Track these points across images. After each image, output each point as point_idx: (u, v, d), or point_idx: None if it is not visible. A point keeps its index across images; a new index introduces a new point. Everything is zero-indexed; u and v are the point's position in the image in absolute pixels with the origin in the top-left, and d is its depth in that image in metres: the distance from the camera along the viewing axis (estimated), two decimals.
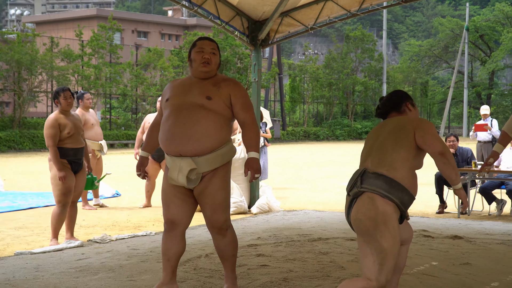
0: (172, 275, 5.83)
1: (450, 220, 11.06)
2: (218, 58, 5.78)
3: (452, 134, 12.49)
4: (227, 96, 5.62)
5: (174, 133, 5.55)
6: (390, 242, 4.71)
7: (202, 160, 5.52)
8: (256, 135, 5.69)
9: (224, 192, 5.66)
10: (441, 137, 52.98)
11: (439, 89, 77.85)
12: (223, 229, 5.69)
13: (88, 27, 46.72)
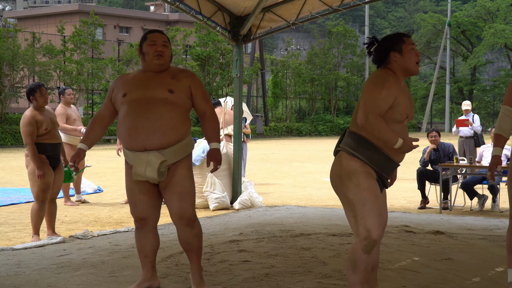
0: (152, 270, 5.84)
1: (432, 215, 11.10)
2: (170, 50, 5.80)
3: (434, 130, 12.53)
4: (187, 88, 5.66)
5: (138, 128, 5.51)
6: (354, 192, 4.88)
7: (168, 152, 5.54)
8: (217, 126, 5.74)
9: (191, 182, 5.69)
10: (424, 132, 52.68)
11: (421, 85, 78.03)
12: (192, 220, 5.67)
13: (70, 22, 46.40)
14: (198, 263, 5.84)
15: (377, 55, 5.08)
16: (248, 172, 19.50)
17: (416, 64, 4.98)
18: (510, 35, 63.34)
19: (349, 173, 4.91)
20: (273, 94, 56.21)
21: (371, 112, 4.79)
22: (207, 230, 9.29)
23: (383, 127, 4.79)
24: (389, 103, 4.85)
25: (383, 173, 5.02)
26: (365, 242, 4.82)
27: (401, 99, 4.91)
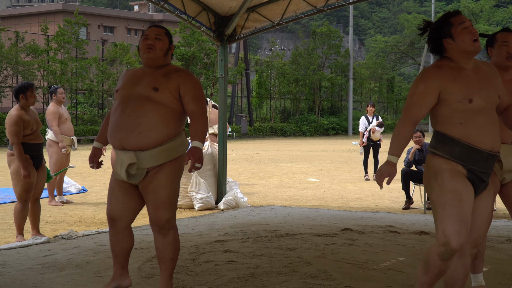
0: (122, 270, 5.69)
1: (417, 215, 11.13)
2: (166, 44, 5.55)
3: (418, 130, 12.57)
4: (175, 88, 5.39)
5: (119, 126, 5.36)
6: (437, 192, 4.64)
7: (145, 155, 5.31)
8: (204, 126, 5.44)
9: (169, 190, 5.41)
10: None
11: (405, 85, 78.19)
12: (165, 228, 5.43)
13: (54, 21, 46.31)
14: (169, 277, 5.55)
15: (432, 46, 4.88)
16: (233, 172, 19.51)
17: (474, 42, 4.67)
18: None
19: (434, 172, 4.67)
20: (258, 94, 56.22)
21: (404, 110, 4.72)
22: (192, 230, 9.29)
23: (397, 132, 4.73)
24: (428, 97, 4.65)
25: (475, 167, 4.64)
26: (442, 249, 4.55)
27: (455, 86, 4.61)
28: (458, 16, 4.73)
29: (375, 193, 14.57)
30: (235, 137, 46.99)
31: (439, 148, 4.66)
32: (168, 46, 5.57)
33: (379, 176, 4.76)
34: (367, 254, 7.58)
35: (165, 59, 5.56)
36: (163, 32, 5.57)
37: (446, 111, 4.62)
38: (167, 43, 5.56)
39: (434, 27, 4.81)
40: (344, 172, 20.09)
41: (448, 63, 4.73)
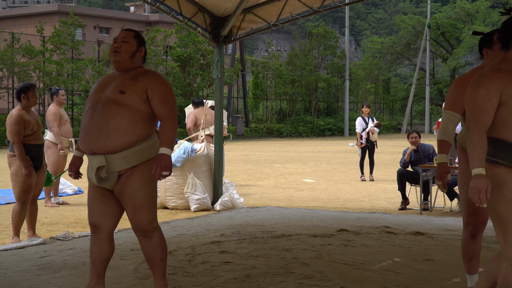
0: (97, 279, 5.56)
1: (412, 216, 11.14)
2: (133, 46, 5.46)
3: (414, 131, 12.59)
4: (143, 90, 5.30)
5: (88, 130, 5.30)
6: (506, 206, 4.31)
7: (115, 158, 5.25)
8: (172, 130, 5.31)
9: (146, 191, 5.33)
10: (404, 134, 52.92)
11: (401, 86, 78.37)
12: (148, 231, 5.35)
13: (50, 22, 46.29)
14: (162, 277, 5.49)
15: (502, 42, 4.59)
16: (229, 173, 19.51)
17: None
18: None
19: (498, 184, 4.35)
20: (254, 95, 56.24)
21: (472, 119, 4.41)
22: (188, 231, 9.29)
23: (474, 143, 4.38)
24: (492, 100, 4.36)
25: None
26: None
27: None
28: None
29: (371, 194, 14.58)
30: (231, 138, 46.99)
31: (500, 156, 4.38)
32: (135, 49, 5.49)
33: (479, 192, 4.28)
34: (363, 255, 7.58)
35: (133, 62, 5.49)
36: (132, 35, 5.50)
37: (505, 115, 4.37)
38: (135, 46, 5.49)
39: (506, 23, 4.52)
40: (340, 173, 20.10)
41: (505, 66, 4.47)
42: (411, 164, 12.43)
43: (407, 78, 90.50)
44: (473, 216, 5.49)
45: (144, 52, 5.56)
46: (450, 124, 5.47)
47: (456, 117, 5.47)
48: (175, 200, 11.88)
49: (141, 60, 5.56)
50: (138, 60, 5.52)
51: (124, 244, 8.19)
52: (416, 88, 68.77)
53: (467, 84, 5.19)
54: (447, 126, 5.50)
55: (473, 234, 5.56)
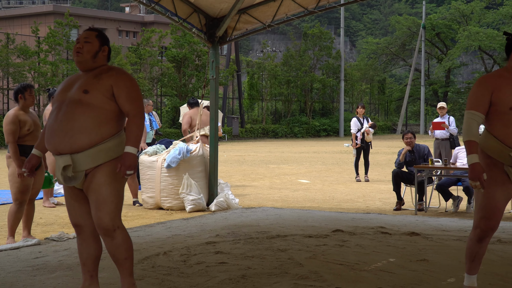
0: (91, 279, 5.53)
1: (407, 217, 11.15)
2: (95, 46, 5.41)
3: (409, 131, 12.59)
4: (107, 88, 5.25)
5: (53, 131, 5.27)
6: None
7: (81, 157, 5.20)
8: (138, 129, 5.27)
9: (110, 189, 5.26)
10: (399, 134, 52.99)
11: (396, 87, 78.46)
12: (110, 230, 5.26)
13: (45, 23, 46.19)
14: (128, 275, 5.41)
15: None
16: (224, 173, 19.51)
17: None
18: (484, 38, 63.80)
19: None
20: (249, 96, 56.25)
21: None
22: (183, 232, 9.29)
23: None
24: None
25: None
26: None
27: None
28: None
29: (366, 194, 14.59)
30: (227, 138, 46.98)
31: None
32: (98, 48, 5.44)
33: None
34: (358, 255, 7.59)
35: (96, 61, 5.43)
36: (94, 35, 5.46)
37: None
38: (97, 46, 5.44)
39: None
40: (335, 174, 20.11)
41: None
42: (406, 165, 12.44)
43: (402, 78, 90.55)
44: (485, 220, 5.47)
45: (107, 51, 5.51)
46: (474, 123, 5.43)
47: (479, 117, 5.43)
48: (170, 200, 11.88)
49: (105, 59, 5.50)
50: (101, 59, 5.46)
51: None
52: (411, 89, 68.87)
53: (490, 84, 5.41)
54: (471, 126, 5.46)
55: (481, 238, 5.53)
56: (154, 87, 47.46)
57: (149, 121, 15.47)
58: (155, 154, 12.28)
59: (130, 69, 43.08)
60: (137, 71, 44.41)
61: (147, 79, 45.10)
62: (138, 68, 44.96)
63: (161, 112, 46.56)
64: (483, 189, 5.38)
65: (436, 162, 12.39)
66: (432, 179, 12.47)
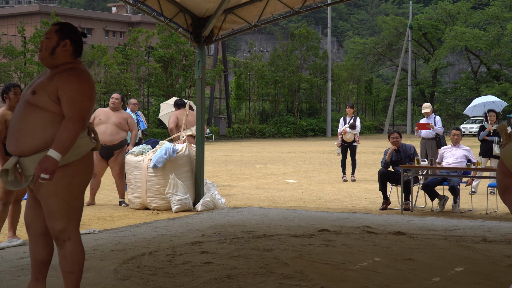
0: (36, 282, 5.32)
1: (393, 216, 11.17)
2: (53, 42, 5.11)
3: (395, 131, 12.62)
4: (53, 90, 4.98)
5: (10, 131, 5.11)
6: None
7: (27, 161, 4.99)
8: (68, 134, 4.90)
9: (59, 198, 5.02)
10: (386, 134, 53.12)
11: (383, 87, 78.62)
12: (59, 239, 5.04)
13: (31, 23, 46.03)
14: None
15: None
16: (211, 173, 19.50)
17: None
18: (470, 38, 64.03)
19: None
20: (236, 96, 56.24)
21: None
22: (169, 232, 9.28)
23: None
24: None
25: None
26: None
27: None
28: None
29: (353, 194, 14.61)
30: (214, 138, 46.95)
31: None
32: (55, 44, 5.15)
33: None
34: (343, 255, 7.60)
35: (55, 58, 5.15)
36: (54, 30, 5.17)
37: None
38: (55, 41, 5.14)
39: None
40: (322, 173, 20.13)
41: None
42: (392, 164, 12.46)
43: (389, 78, 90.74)
44: None
45: (69, 45, 5.17)
46: None
47: None
48: (157, 200, 11.86)
49: (67, 55, 5.18)
50: (61, 56, 5.16)
51: (104, 245, 8.16)
52: (398, 89, 69.02)
53: None
54: None
55: None
56: (141, 87, 47.39)
57: (136, 120, 15.45)
58: (141, 154, 12.26)
59: (117, 69, 43.00)
60: (124, 71, 44.33)
61: (134, 79, 45.02)
62: (125, 68, 44.87)
63: (148, 112, 46.48)
64: None
65: (422, 162, 12.42)
66: (418, 179, 12.50)
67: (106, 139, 12.24)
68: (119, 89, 42.62)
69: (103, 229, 9.47)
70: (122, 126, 12.45)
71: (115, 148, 12.39)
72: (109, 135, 12.29)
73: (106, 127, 12.32)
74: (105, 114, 12.49)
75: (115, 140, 12.35)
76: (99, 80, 43.18)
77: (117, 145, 12.40)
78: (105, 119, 12.39)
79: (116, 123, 12.38)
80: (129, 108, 15.50)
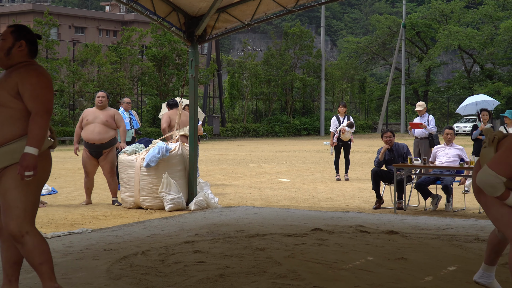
0: (9, 284, 5.30)
1: (387, 215, 11.17)
2: (8, 43, 5.18)
3: (388, 130, 12.61)
4: (13, 86, 5.04)
5: None
6: None
7: None
8: (39, 129, 4.98)
9: (16, 193, 5.02)
10: (379, 133, 53.12)
11: (376, 86, 78.74)
12: (17, 236, 5.01)
13: (24, 22, 46.04)
14: (48, 279, 5.13)
15: None
16: (205, 172, 19.49)
17: None
18: (463, 37, 64.15)
19: None
20: (230, 95, 56.26)
21: None
22: (162, 231, 9.26)
23: None
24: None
25: None
26: None
27: None
28: None
29: (346, 193, 14.61)
30: (207, 137, 46.93)
31: None
32: (10, 45, 5.22)
33: None
34: (336, 254, 7.60)
35: (10, 59, 5.21)
36: (9, 31, 5.24)
37: None
38: (10, 42, 5.21)
39: None
40: (316, 172, 20.13)
41: None
42: (385, 163, 12.46)
43: (383, 77, 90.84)
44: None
45: (24, 46, 5.26)
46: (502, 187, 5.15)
47: None
48: (150, 200, 11.84)
49: (22, 54, 5.25)
50: (17, 56, 5.22)
51: (97, 244, 8.14)
52: (392, 88, 69.09)
53: None
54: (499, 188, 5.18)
55: None
56: (135, 86, 47.37)
57: (129, 119, 15.42)
58: (134, 153, 12.24)
59: (110, 68, 42.96)
60: (117, 70, 44.29)
61: (128, 78, 44.99)
62: (118, 67, 44.83)
63: (141, 111, 46.46)
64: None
65: (415, 161, 12.42)
66: (411, 178, 12.50)
67: (95, 137, 12.24)
68: (113, 88, 42.60)
69: (96, 229, 9.45)
70: (110, 124, 12.43)
71: (104, 147, 12.36)
72: (97, 133, 12.28)
73: (94, 126, 12.32)
74: (92, 113, 12.49)
75: (104, 139, 12.33)
76: (93, 79, 43.13)
77: (106, 144, 12.37)
78: (92, 119, 12.40)
79: (103, 121, 12.37)
80: (122, 107, 15.49)
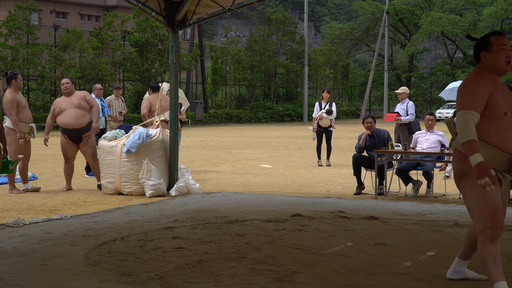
0: None
1: (367, 201, 11.18)
2: None
3: (369, 116, 12.60)
4: None
5: None
6: None
7: None
8: None
9: None
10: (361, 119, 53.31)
11: (360, 72, 78.71)
12: None
13: (4, 7, 45.66)
14: None
15: None
16: (186, 158, 19.44)
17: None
18: (446, 23, 64.22)
19: None
20: (213, 81, 56.12)
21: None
22: (141, 217, 9.23)
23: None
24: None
25: None
26: None
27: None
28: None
29: (327, 179, 14.62)
30: (190, 123, 46.84)
31: None
32: None
33: None
34: (316, 240, 7.59)
35: None
36: None
37: None
38: None
39: None
40: (298, 158, 20.13)
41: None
42: (366, 149, 12.46)
43: (366, 64, 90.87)
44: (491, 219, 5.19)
45: None
46: (471, 123, 5.11)
47: (477, 117, 5.16)
48: (130, 185, 11.80)
49: None
50: None
51: (75, 231, 8.10)
52: (375, 74, 69.11)
53: (489, 85, 5.38)
54: (469, 125, 5.15)
55: (493, 238, 5.18)
56: (117, 72, 47.15)
57: (100, 106, 15.36)
58: (115, 139, 12.19)
59: (92, 53, 42.74)
60: (99, 56, 44.06)
61: (109, 63, 44.77)
62: (100, 53, 44.60)
63: (124, 97, 46.30)
64: (494, 186, 5.02)
65: (396, 147, 12.42)
66: (392, 164, 12.52)
67: (73, 122, 12.19)
68: (94, 74, 42.38)
69: (75, 215, 9.40)
70: (84, 106, 12.36)
71: (83, 131, 12.30)
72: (74, 118, 12.22)
73: (70, 112, 12.25)
74: (63, 101, 12.43)
75: (82, 123, 12.27)
76: (74, 64, 42.89)
77: (85, 128, 12.32)
78: (65, 106, 12.33)
79: (77, 105, 12.31)
80: (94, 94, 15.44)
